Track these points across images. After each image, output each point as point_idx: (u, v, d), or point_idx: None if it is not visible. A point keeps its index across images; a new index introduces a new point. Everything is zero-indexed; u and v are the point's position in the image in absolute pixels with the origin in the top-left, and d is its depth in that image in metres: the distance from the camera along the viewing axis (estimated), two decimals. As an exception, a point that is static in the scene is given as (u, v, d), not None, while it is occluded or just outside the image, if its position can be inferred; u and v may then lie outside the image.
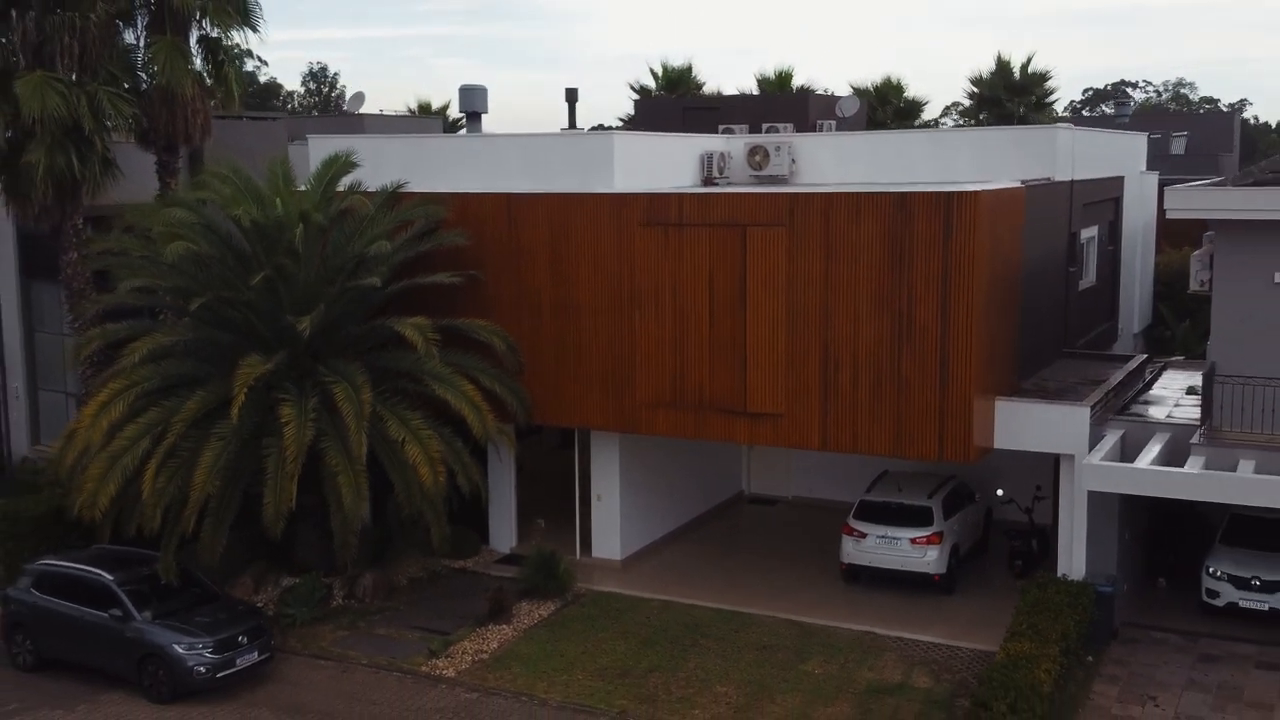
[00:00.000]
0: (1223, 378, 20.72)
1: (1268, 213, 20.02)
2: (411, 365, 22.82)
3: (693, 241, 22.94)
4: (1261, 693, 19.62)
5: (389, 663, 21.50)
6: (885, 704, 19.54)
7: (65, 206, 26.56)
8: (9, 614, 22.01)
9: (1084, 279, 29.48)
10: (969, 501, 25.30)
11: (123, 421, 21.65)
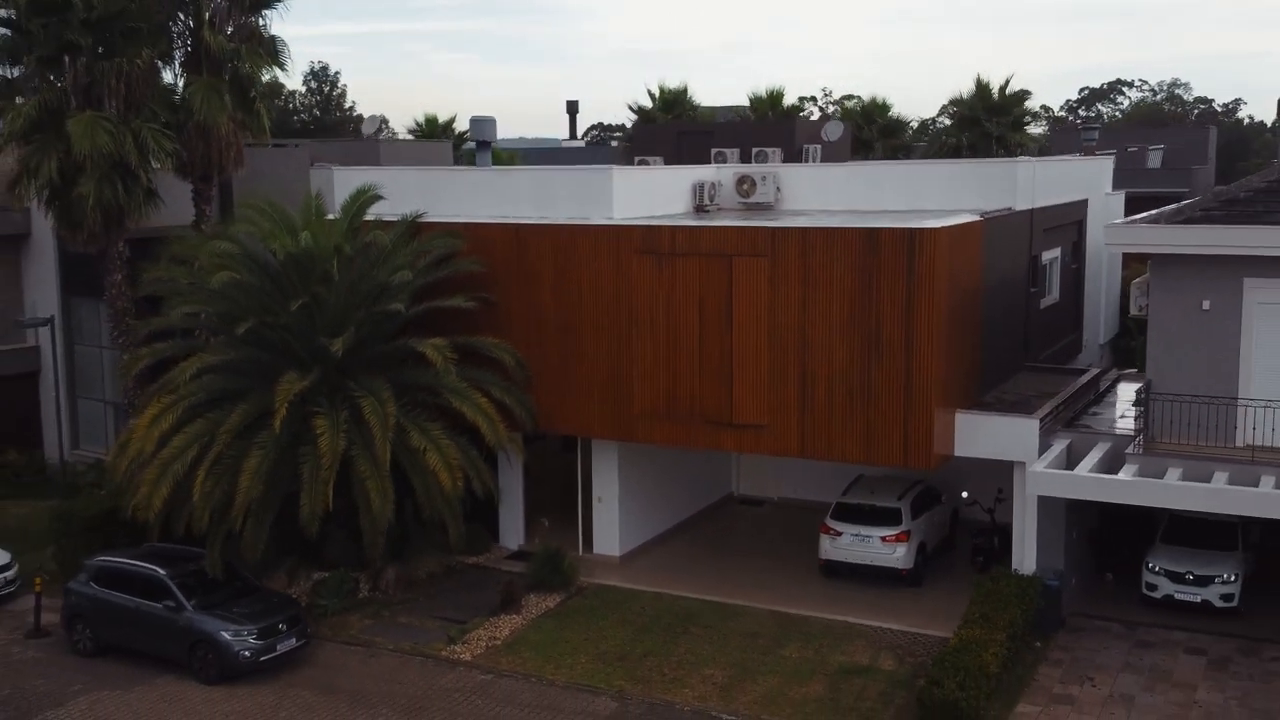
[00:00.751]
0: (1158, 394, 23.22)
1: (1195, 248, 22.53)
2: (431, 380, 25.30)
3: (684, 269, 25.42)
4: (1188, 674, 22.12)
5: (412, 648, 24.00)
6: (854, 684, 22.04)
7: (111, 233, 29.06)
8: (69, 605, 24.49)
9: (1047, 297, 31.98)
10: (936, 503, 27.79)
11: (172, 432, 24.15)
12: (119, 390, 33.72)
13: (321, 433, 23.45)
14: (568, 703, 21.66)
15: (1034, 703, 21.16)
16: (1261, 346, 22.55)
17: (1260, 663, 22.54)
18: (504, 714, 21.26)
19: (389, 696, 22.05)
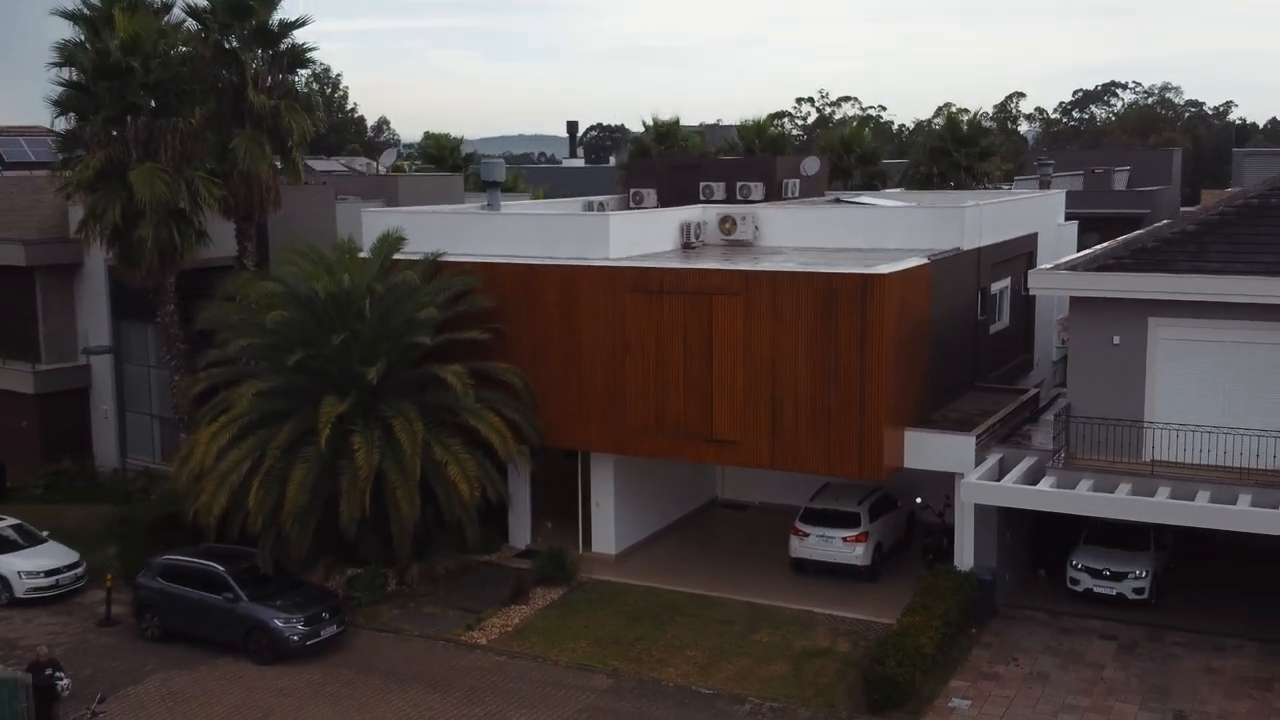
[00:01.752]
0: (1075, 417, 27.08)
1: (1104, 292, 26.38)
2: (451, 402, 29.12)
3: (671, 305, 29.25)
4: (1098, 656, 25.98)
5: (435, 634, 27.86)
6: (814, 663, 25.89)
7: (166, 269, 32.89)
8: (139, 598, 28.34)
9: (997, 323, 35.83)
10: (892, 508, 31.63)
11: (229, 447, 27.99)
12: (165, 405, 37.59)
13: (358, 448, 27.30)
14: (570, 679, 25.51)
15: (965, 679, 25.02)
16: (1163, 376, 26.38)
17: (1163, 647, 26.38)
18: (516, 689, 25.11)
19: (418, 675, 25.90)
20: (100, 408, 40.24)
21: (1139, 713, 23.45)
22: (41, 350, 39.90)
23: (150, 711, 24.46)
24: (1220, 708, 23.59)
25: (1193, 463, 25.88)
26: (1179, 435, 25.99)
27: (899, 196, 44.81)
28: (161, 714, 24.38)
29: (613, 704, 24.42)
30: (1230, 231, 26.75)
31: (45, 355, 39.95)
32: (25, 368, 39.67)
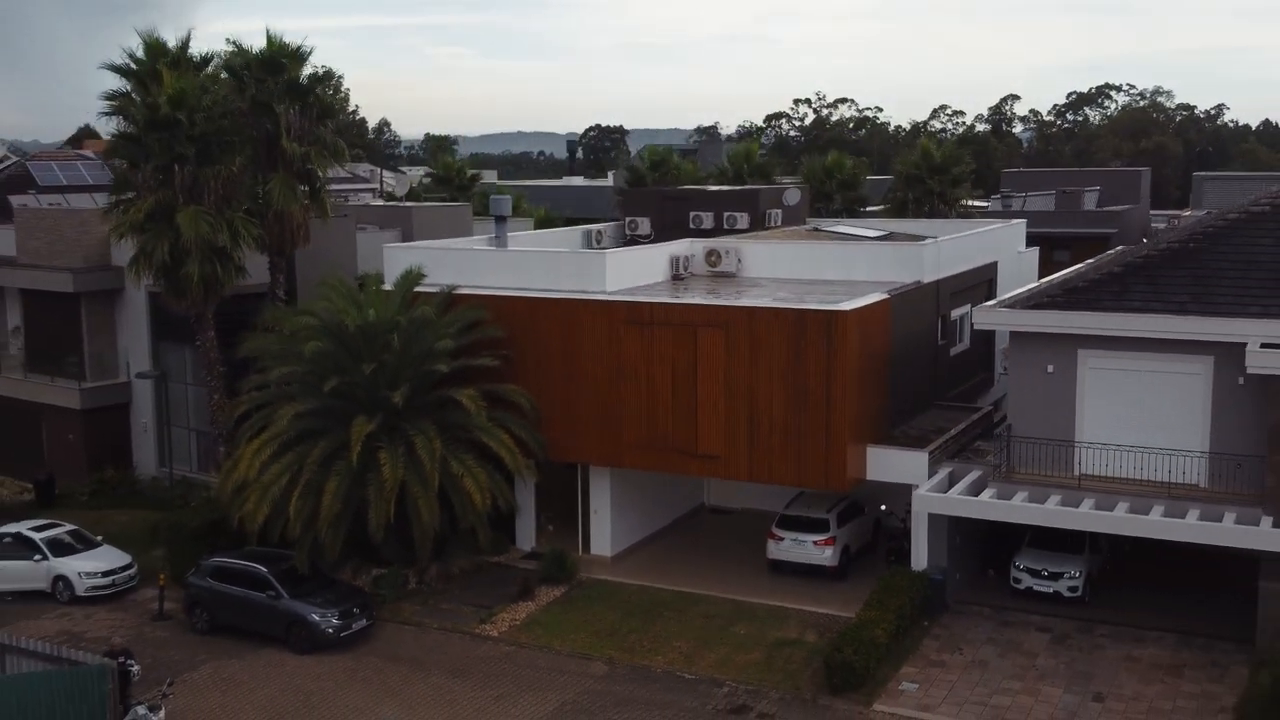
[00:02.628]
0: (1015, 436, 30.81)
1: (1039, 327, 30.11)
2: (465, 421, 32.81)
3: (660, 335, 32.95)
4: (1033, 646, 29.69)
5: (452, 627, 31.58)
6: (785, 652, 29.59)
7: (208, 300, 36.57)
8: (190, 595, 32.06)
9: (957, 346, 39.51)
10: (859, 514, 35.32)
11: (270, 461, 31.71)
12: (201, 420, 41.33)
13: (385, 463, 31.03)
14: (571, 666, 29.25)
15: (915, 666, 28.74)
16: (1091, 401, 30.08)
17: (1091, 638, 30.11)
18: (524, 674, 28.84)
19: (438, 662, 29.63)
20: (140, 421, 43.91)
21: (1063, 695, 27.17)
22: (86, 369, 43.55)
23: (206, 695, 28.16)
24: (1134, 691, 27.31)
25: (1115, 477, 29.61)
26: (1104, 453, 29.71)
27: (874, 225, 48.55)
28: (215, 697, 28.08)
29: (608, 687, 28.14)
30: (1152, 273, 30.46)
31: (89, 374, 43.62)
32: (72, 385, 43.36)
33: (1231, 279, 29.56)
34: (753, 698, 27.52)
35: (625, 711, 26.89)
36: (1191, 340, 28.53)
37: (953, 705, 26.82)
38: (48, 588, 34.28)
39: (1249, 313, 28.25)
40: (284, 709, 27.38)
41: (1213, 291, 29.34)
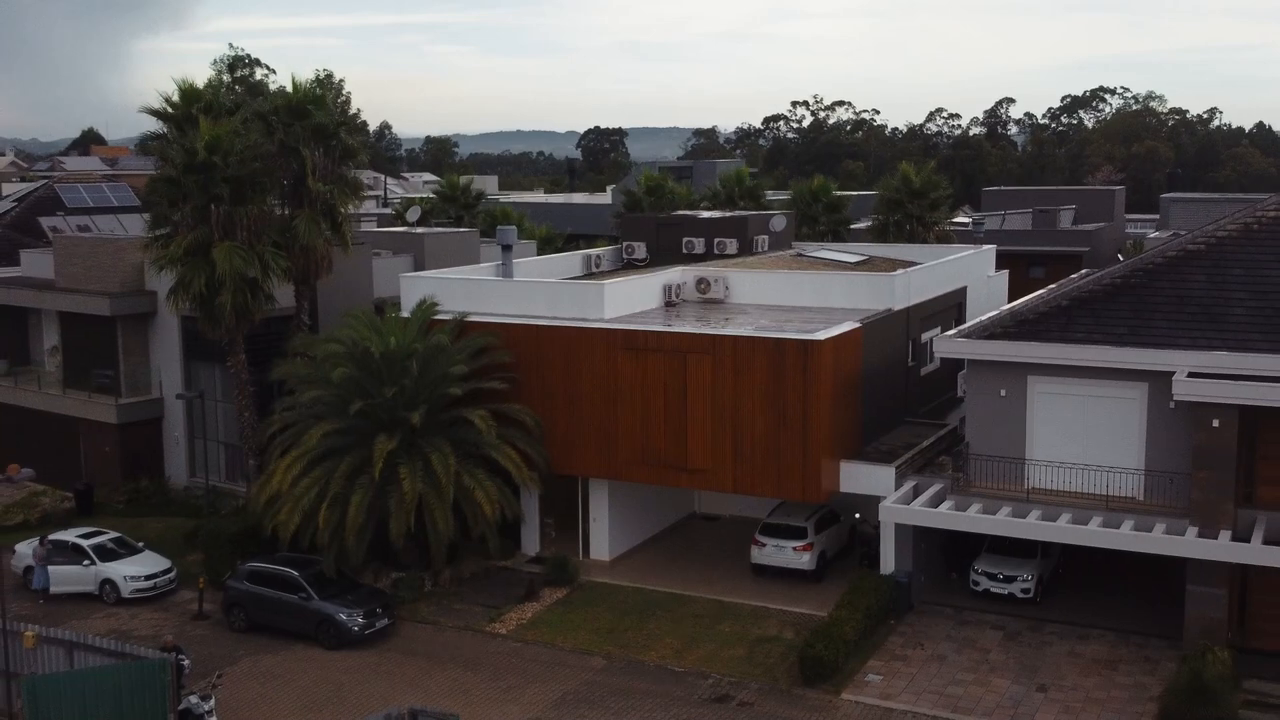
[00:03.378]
0: (973, 454, 34.20)
1: (992, 356, 33.48)
2: (477, 438, 36.14)
3: (653, 360, 36.30)
4: (987, 643, 33.07)
5: (465, 625, 34.95)
6: (765, 648, 32.96)
7: (239, 327, 39.91)
8: (228, 597, 35.42)
9: (928, 366, 42.84)
10: (835, 522, 38.65)
11: (301, 476, 35.08)
12: (229, 434, 44.72)
13: (404, 478, 34.41)
14: (573, 660, 32.64)
15: (880, 660, 32.13)
16: (1039, 422, 33.44)
17: (1040, 636, 33.49)
18: (530, 668, 32.23)
19: (454, 658, 33.03)
20: (171, 435, 47.27)
21: (1010, 686, 30.56)
22: (122, 386, 46.90)
23: (247, 686, 31.53)
24: (1074, 682, 30.69)
25: (1061, 490, 33.00)
26: (1051, 469, 33.09)
27: (855, 249, 51.96)
28: (255, 688, 31.46)
29: (606, 680, 31.52)
30: (1095, 306, 33.84)
31: (125, 390, 46.96)
32: (109, 401, 46.71)
33: (1165, 313, 32.94)
34: (735, 688, 30.90)
35: (621, 701, 30.28)
36: (1128, 369, 31.89)
37: (911, 695, 30.20)
38: (95, 590, 37.61)
39: (1178, 345, 31.63)
40: (317, 699, 30.76)
41: (1148, 324, 32.72)
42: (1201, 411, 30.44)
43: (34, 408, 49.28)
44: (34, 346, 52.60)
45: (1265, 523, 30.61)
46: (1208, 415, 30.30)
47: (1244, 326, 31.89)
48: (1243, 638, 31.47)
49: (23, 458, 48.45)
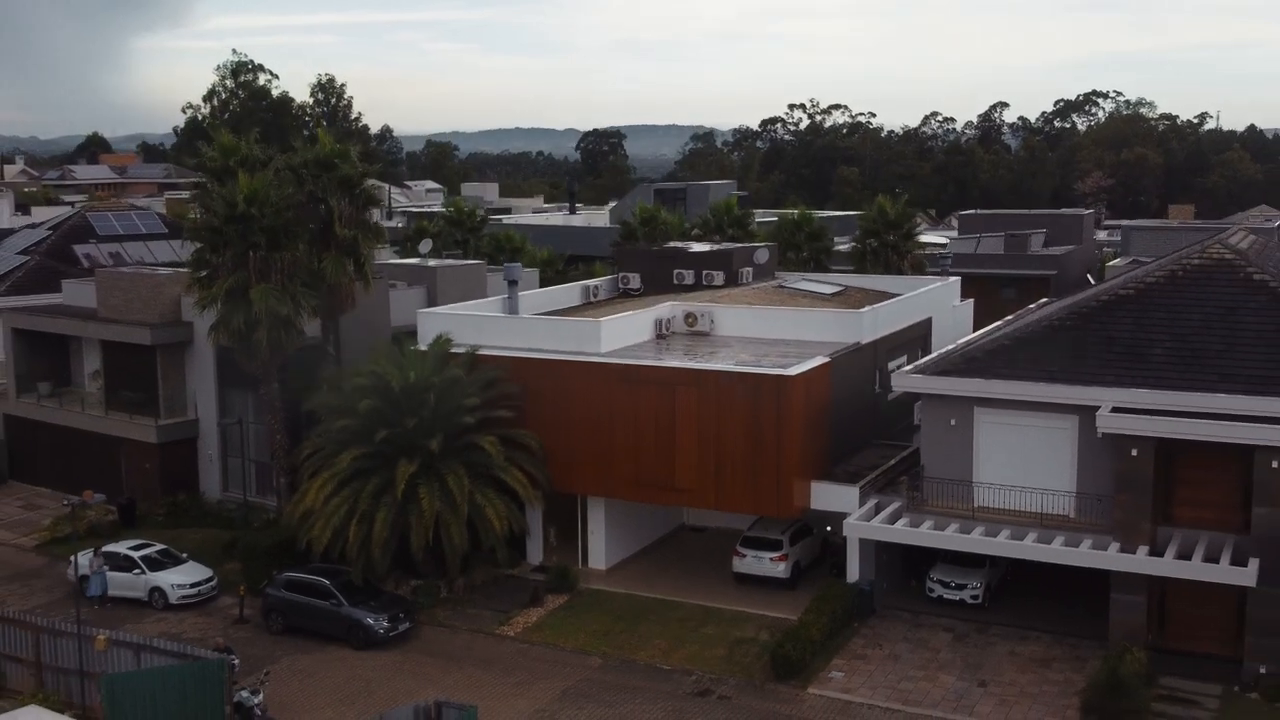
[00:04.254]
0: (926, 477, 38.63)
1: (943, 390, 37.91)
2: (487, 461, 40.53)
3: (645, 390, 40.68)
4: (938, 643, 37.50)
5: (477, 628, 39.37)
6: (743, 648, 37.36)
7: (274, 359, 44.33)
8: (267, 603, 39.80)
9: (894, 392, 47.13)
10: (808, 535, 43.04)
11: (332, 495, 39.50)
12: (259, 453, 49.17)
13: (424, 498, 38.85)
14: (573, 659, 37.07)
15: (843, 658, 36.57)
16: (985, 449, 37.81)
17: (985, 637, 37.94)
18: (536, 666, 36.66)
19: (468, 657, 37.46)
20: (206, 453, 51.69)
21: (955, 682, 35.00)
22: (160, 408, 51.31)
23: (287, 682, 35.94)
24: (1011, 678, 35.14)
25: (1004, 509, 37.40)
26: (994, 490, 37.50)
27: (833, 279, 56.33)
28: (295, 684, 35.88)
29: (602, 676, 35.97)
30: (1034, 346, 38.24)
31: (163, 412, 51.37)
32: (149, 422, 51.13)
33: (1095, 353, 37.34)
34: (715, 684, 35.34)
35: (616, 695, 34.73)
36: (1060, 403, 36.32)
37: (869, 689, 34.65)
38: (145, 597, 42.03)
39: (1104, 382, 36.03)
40: (349, 694, 35.21)
41: (1080, 363, 37.12)
42: (1123, 442, 34.87)
43: (78, 427, 53.69)
44: (75, 370, 57.06)
45: (1180, 539, 35.05)
46: (1128, 445, 34.75)
47: (1164, 366, 36.28)
48: (1162, 639, 35.88)
49: (67, 474, 53.28)
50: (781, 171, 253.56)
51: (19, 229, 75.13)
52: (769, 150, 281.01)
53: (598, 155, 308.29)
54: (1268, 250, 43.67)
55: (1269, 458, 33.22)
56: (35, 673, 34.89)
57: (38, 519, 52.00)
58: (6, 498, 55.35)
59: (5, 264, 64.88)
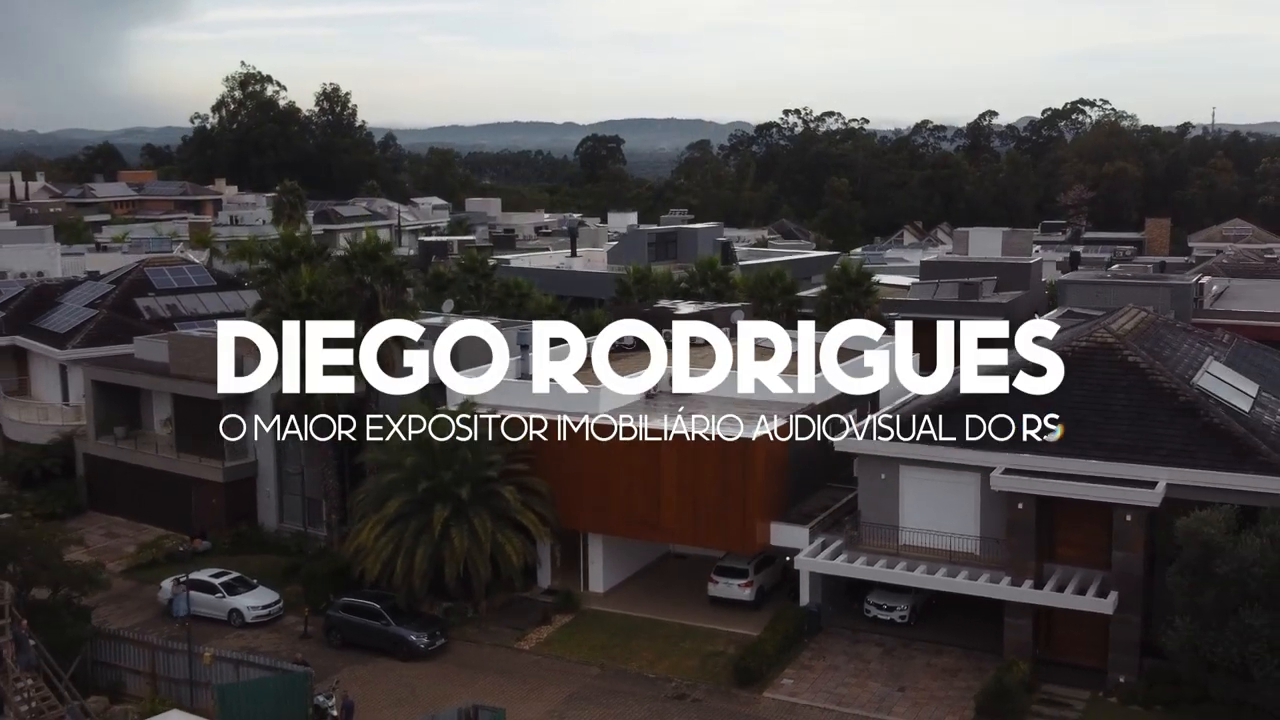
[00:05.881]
0: (863, 520, 47.75)
1: (872, 451, 47.03)
2: (506, 506, 49.62)
3: (635, 447, 49.69)
4: (870, 656, 46.58)
5: (499, 643, 48.51)
6: (713, 660, 46.43)
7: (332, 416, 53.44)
8: (328, 621, 48.96)
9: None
10: (771, 564, 52.08)
11: (380, 534, 48.64)
12: (312, 490, 58.28)
13: (455, 537, 47.99)
14: (576, 669, 46.21)
15: (793, 669, 45.67)
16: (908, 498, 46.91)
17: (909, 651, 47.04)
18: (546, 674, 45.76)
19: (490, 667, 46.60)
20: (264, 490, 60.83)
21: (880, 687, 44.11)
22: (225, 452, 60.43)
23: (348, 688, 45.00)
24: (925, 685, 44.26)
25: (923, 547, 46.51)
26: (916, 533, 46.60)
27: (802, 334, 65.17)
28: (355, 689, 44.85)
29: (600, 683, 45.13)
30: (949, 415, 47.23)
31: (228, 455, 60.50)
32: (216, 464, 60.28)
33: (1001, 421, 46.35)
34: (690, 689, 44.47)
35: (611, 698, 43.86)
36: (965, 464, 45.44)
37: (811, 693, 43.79)
38: (224, 617, 51.14)
39: (998, 447, 45.11)
40: (399, 697, 44.35)
41: (982, 430, 46.15)
42: (1012, 497, 44.00)
43: (151, 466, 62.80)
44: (146, 415, 66.17)
45: (1059, 574, 44.20)
46: (1015, 500, 43.88)
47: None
48: (1048, 652, 44.99)
49: (140, 506, 62.44)
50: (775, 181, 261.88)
51: (81, 279, 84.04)
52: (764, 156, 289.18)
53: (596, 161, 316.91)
54: (1153, 329, 52.46)
55: (1124, 512, 42.32)
56: (151, 682, 44.01)
57: (119, 546, 61.04)
58: (89, 526, 64.40)
59: (77, 316, 73.86)
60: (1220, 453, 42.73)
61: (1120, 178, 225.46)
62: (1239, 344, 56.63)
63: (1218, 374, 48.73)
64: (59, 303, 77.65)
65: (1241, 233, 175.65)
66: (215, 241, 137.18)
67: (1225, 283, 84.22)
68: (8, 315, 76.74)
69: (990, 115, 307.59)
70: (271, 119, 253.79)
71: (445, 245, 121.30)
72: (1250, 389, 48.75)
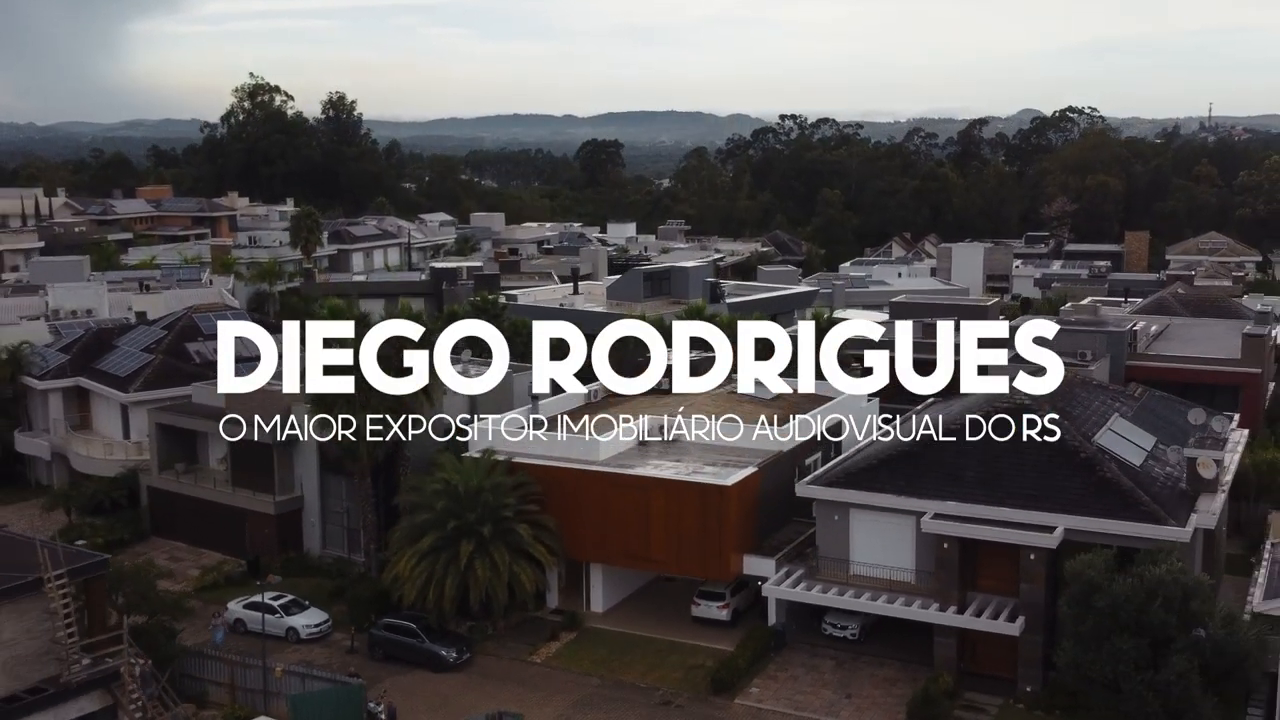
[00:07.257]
0: (821, 555, 57.04)
1: (827, 497, 56.30)
2: (520, 541, 58.89)
3: (628, 490, 58.97)
4: (825, 668, 55.86)
5: (514, 657, 57.76)
6: (695, 672, 55.56)
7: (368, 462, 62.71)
8: (372, 638, 58.26)
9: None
10: (744, 588, 61.33)
11: (415, 565, 57.94)
12: (353, 522, 67.61)
13: (478, 569, 57.27)
14: (579, 679, 55.50)
15: (761, 679, 54.92)
16: (857, 536, 56.10)
17: (857, 664, 56.47)
18: (555, 684, 55.04)
19: (508, 678, 55.89)
20: (309, 520, 70.18)
21: (830, 695, 53.38)
22: (275, 487, 69.78)
23: (393, 694, 54.28)
24: (868, 693, 53.53)
25: (870, 577, 55.78)
26: (864, 566, 55.88)
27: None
28: (397, 697, 54.01)
29: (600, 692, 54.44)
30: (892, 465, 56.45)
31: (278, 490, 69.86)
32: (268, 498, 69.65)
33: (929, 473, 55.54)
34: (674, 697, 53.77)
35: (610, 705, 53.19)
36: (903, 509, 54.71)
37: (775, 700, 53.11)
38: (282, 634, 60.41)
39: (930, 496, 54.36)
40: (434, 704, 53.67)
41: (918, 481, 55.33)
42: (938, 538, 53.29)
43: (210, 499, 72.15)
44: (202, 454, 75.49)
45: (980, 601, 53.52)
46: (941, 540, 53.18)
47: (972, 485, 54.55)
48: (972, 666, 54.29)
49: (198, 534, 71.74)
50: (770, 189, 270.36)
51: (133, 324, 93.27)
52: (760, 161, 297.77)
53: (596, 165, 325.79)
54: (1069, 389, 61.43)
55: (1029, 552, 51.63)
56: (230, 692, 53.33)
57: (182, 569, 70.20)
58: (153, 550, 73.55)
59: (134, 360, 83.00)
60: (1109, 502, 52.00)
61: (1102, 190, 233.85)
62: (1149, 397, 65.86)
63: (1119, 430, 57.96)
64: (116, 345, 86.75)
65: (1217, 245, 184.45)
66: (237, 264, 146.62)
67: (1165, 322, 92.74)
68: (71, 358, 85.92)
69: (980, 125, 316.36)
70: (280, 130, 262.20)
71: (455, 272, 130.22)
72: (1147, 443, 58.00)
